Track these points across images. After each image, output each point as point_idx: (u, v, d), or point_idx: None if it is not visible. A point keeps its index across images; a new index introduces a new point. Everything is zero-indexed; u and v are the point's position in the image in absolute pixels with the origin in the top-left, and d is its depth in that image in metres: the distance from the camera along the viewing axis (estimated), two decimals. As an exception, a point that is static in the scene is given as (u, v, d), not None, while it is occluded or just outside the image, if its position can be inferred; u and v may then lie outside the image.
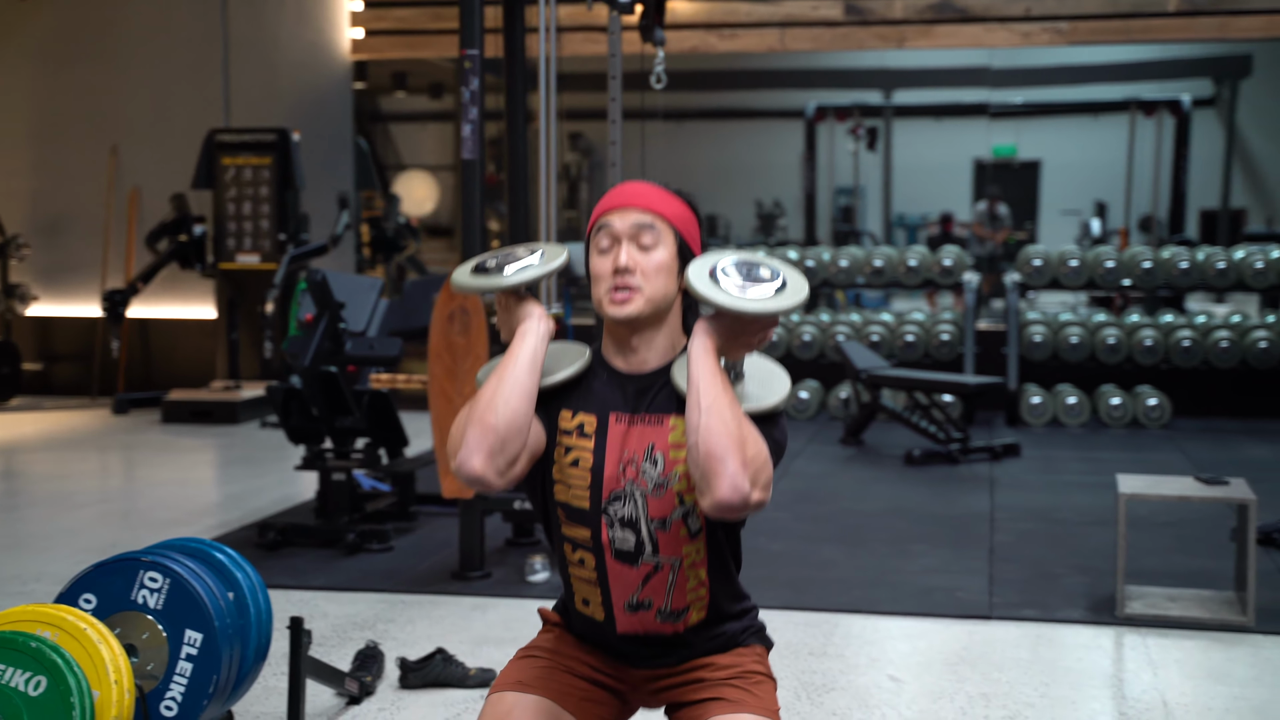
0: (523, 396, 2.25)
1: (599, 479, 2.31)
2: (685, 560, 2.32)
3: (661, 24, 5.35)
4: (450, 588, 5.20)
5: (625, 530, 2.30)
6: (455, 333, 5.12)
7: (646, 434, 2.31)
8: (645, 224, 2.31)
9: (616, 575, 2.32)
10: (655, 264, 2.30)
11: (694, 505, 2.29)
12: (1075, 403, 8.99)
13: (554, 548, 2.42)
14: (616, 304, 2.30)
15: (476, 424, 2.23)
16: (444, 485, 5.17)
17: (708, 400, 2.18)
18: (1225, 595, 4.93)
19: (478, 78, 5.22)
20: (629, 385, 2.35)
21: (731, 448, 2.14)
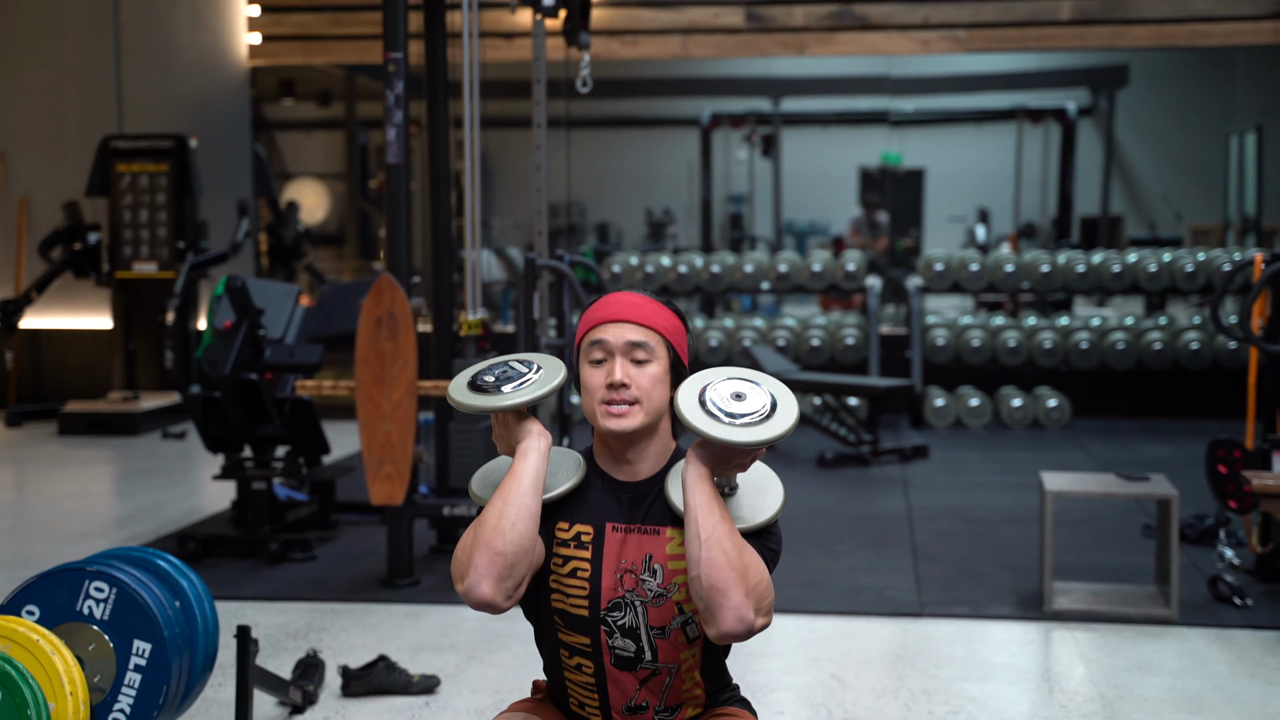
0: (528, 519, 2.25)
1: (597, 589, 2.31)
2: (683, 665, 2.34)
3: (587, 28, 5.35)
4: (380, 595, 5.15)
5: (625, 638, 2.31)
6: (383, 338, 5.07)
7: (644, 544, 2.32)
8: (639, 341, 2.32)
9: (615, 681, 2.33)
10: (650, 379, 2.31)
11: (692, 614, 2.30)
12: (978, 405, 9.14)
13: (545, 650, 2.41)
14: (614, 418, 2.31)
15: (484, 549, 2.22)
16: (372, 492, 5.12)
17: (707, 532, 2.19)
18: (1146, 589, 5.04)
19: (402, 81, 5.19)
20: (623, 494, 2.35)
21: (734, 580, 2.17)
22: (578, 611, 2.31)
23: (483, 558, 2.21)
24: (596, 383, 2.32)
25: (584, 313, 2.41)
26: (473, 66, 5.37)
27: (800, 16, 9.80)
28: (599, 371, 2.32)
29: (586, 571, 2.31)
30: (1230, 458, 5.15)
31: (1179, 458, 7.96)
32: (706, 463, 2.25)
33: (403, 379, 5.07)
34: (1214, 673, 4.27)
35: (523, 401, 2.31)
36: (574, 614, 2.31)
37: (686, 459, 2.27)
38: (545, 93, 5.49)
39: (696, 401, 2.26)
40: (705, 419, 2.22)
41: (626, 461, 2.35)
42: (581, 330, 2.38)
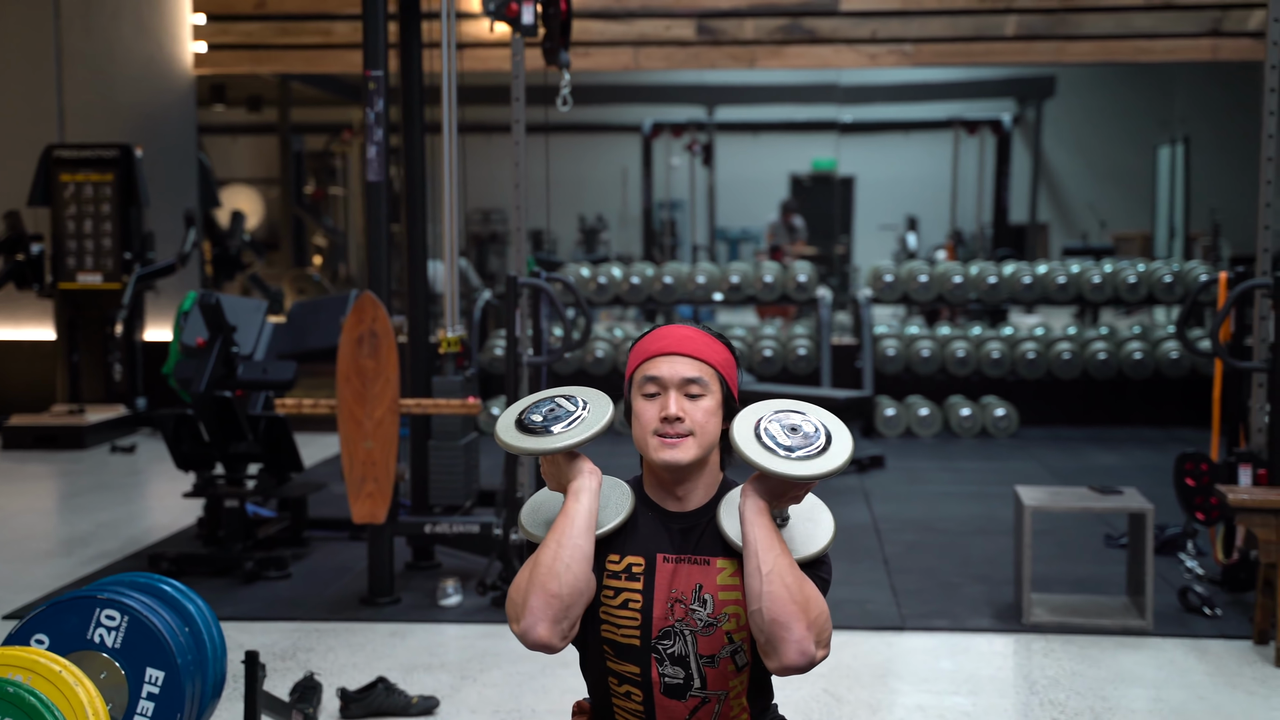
0: (582, 560, 2.29)
1: (649, 619, 2.33)
2: (731, 692, 2.36)
3: (566, 46, 5.38)
4: (362, 614, 5.14)
5: (675, 666, 2.33)
6: (364, 356, 5.07)
7: (694, 574, 2.34)
8: (693, 376, 2.35)
9: (664, 710, 2.35)
10: (704, 413, 2.34)
11: (742, 643, 2.33)
12: (927, 414, 9.25)
13: (591, 676, 2.43)
14: (667, 449, 2.33)
15: (539, 592, 2.26)
16: (354, 511, 5.11)
17: (768, 566, 2.23)
18: (1118, 601, 5.15)
19: (382, 99, 5.18)
20: (673, 525, 2.38)
21: (796, 614, 2.20)
22: (628, 641, 2.33)
23: (538, 600, 2.25)
24: (650, 416, 2.35)
25: (636, 343, 2.44)
26: (451, 77, 5.37)
27: (751, 30, 9.87)
28: (653, 405, 2.35)
29: (638, 603, 2.33)
30: (1197, 471, 5.26)
31: (1128, 466, 8.11)
32: (764, 496, 2.29)
33: (385, 397, 5.06)
34: (1195, 683, 4.38)
35: (575, 444, 2.34)
36: (624, 644, 2.33)
37: (743, 492, 2.30)
38: (524, 108, 5.50)
39: (753, 435, 2.30)
40: (764, 454, 2.27)
41: (676, 494, 2.38)
42: (634, 362, 2.41)
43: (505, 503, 5.26)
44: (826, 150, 20.58)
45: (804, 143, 19.97)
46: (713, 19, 9.87)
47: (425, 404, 5.21)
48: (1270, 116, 5.23)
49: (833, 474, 2.26)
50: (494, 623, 5.01)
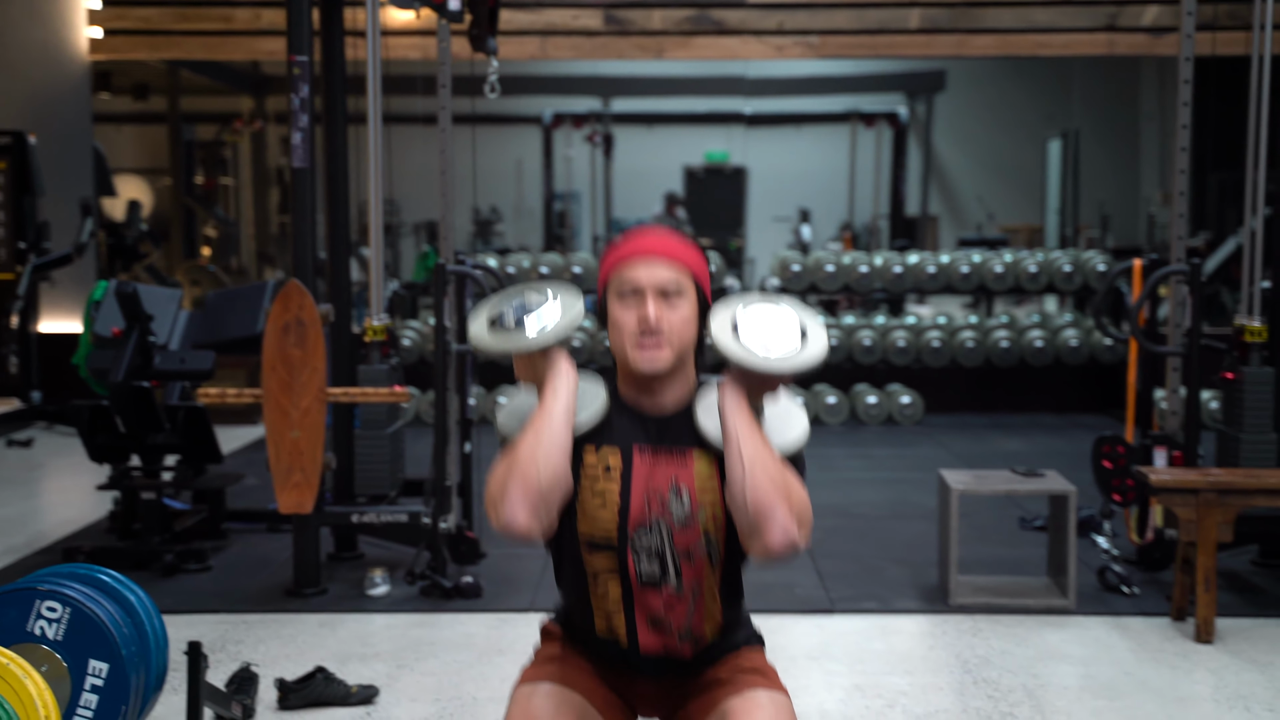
0: (561, 452, 2.31)
1: (625, 514, 2.35)
2: (705, 587, 2.39)
3: (494, 33, 5.35)
4: (290, 605, 5.08)
5: (651, 560, 2.36)
6: (290, 345, 5.01)
7: (671, 469, 2.37)
8: (670, 280, 2.35)
9: (641, 601, 2.38)
10: (681, 318, 2.35)
11: (717, 539, 2.37)
12: (835, 402, 9.35)
13: (567, 575, 2.44)
14: (646, 357, 2.35)
15: (518, 481, 2.28)
16: (280, 501, 5.04)
17: (749, 453, 2.27)
18: (1040, 581, 5.25)
19: (307, 84, 5.12)
20: (650, 423, 2.41)
21: (778, 499, 2.24)
22: (604, 536, 2.36)
23: (517, 489, 2.27)
24: (627, 321, 2.35)
25: (609, 247, 2.43)
26: (375, 65, 5.32)
27: (658, 20, 9.90)
28: (630, 311, 2.36)
29: (615, 498, 2.35)
30: (1114, 453, 5.38)
31: (1032, 450, 8.27)
32: (742, 390, 2.33)
33: (311, 386, 5.01)
34: (1120, 659, 4.48)
35: (548, 342, 2.35)
36: (600, 540, 2.36)
37: (721, 387, 2.34)
38: (450, 96, 5.47)
39: (730, 330, 2.33)
40: (741, 349, 2.31)
41: (653, 395, 2.40)
42: (609, 266, 2.40)
43: (433, 491, 5.23)
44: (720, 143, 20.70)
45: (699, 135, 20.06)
46: (620, 9, 9.88)
47: (353, 393, 5.17)
48: (1184, 108, 5.36)
49: (809, 366, 2.30)
50: (425, 612, 4.99)
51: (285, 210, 15.57)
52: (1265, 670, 4.35)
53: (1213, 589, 4.62)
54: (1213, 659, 4.47)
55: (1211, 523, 4.62)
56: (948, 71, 16.47)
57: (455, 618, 4.93)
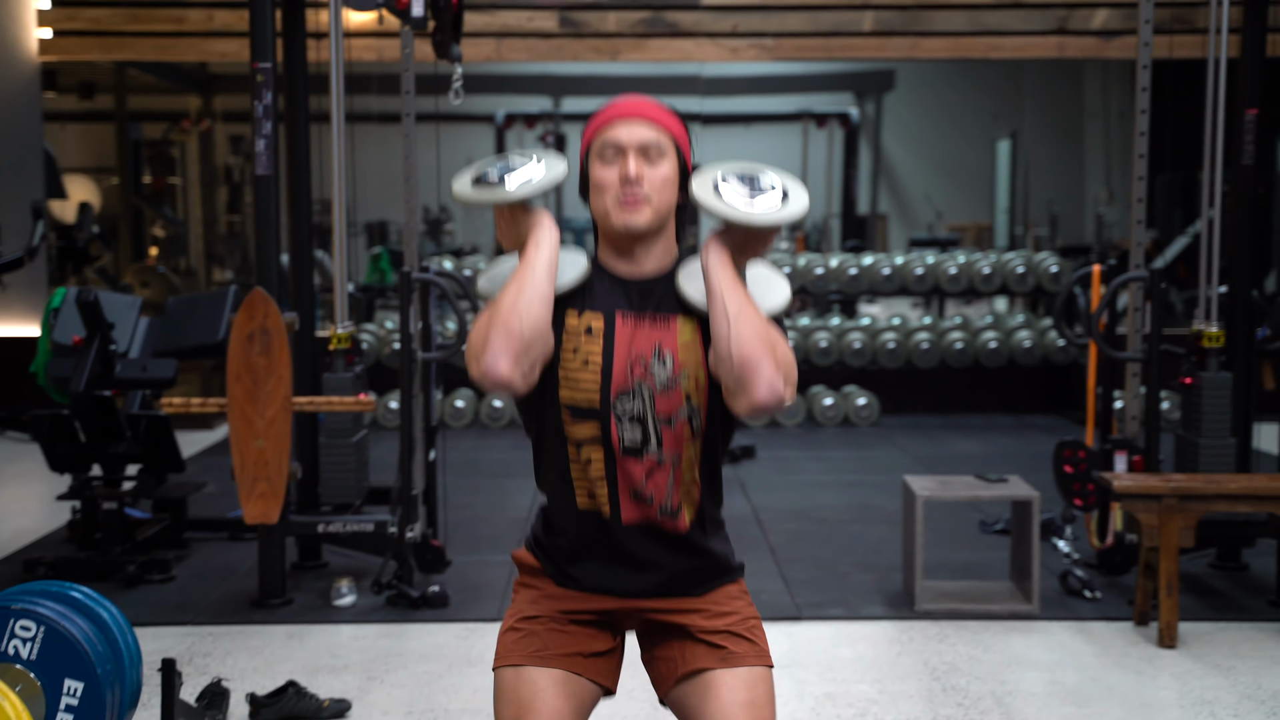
0: (543, 303, 2.31)
1: (608, 377, 2.37)
2: (684, 458, 2.40)
3: (458, 39, 5.34)
4: (256, 616, 5.06)
5: (633, 426, 2.37)
6: (255, 353, 4.97)
7: (654, 334, 2.39)
8: (651, 139, 2.38)
9: (624, 469, 2.37)
10: (661, 177, 2.38)
11: (698, 407, 2.39)
12: (831, 404, 9.39)
13: (547, 454, 2.44)
14: (627, 213, 2.37)
15: (500, 330, 2.27)
16: (246, 511, 5.01)
17: (735, 308, 2.29)
18: (1003, 585, 5.29)
19: (271, 91, 5.09)
20: (631, 288, 2.42)
21: (765, 353, 2.26)
22: (587, 402, 2.36)
23: (499, 338, 2.27)
24: (609, 180, 2.37)
25: (592, 116, 2.46)
26: (338, 67, 5.29)
27: (613, 22, 9.89)
28: (611, 169, 2.38)
29: (598, 361, 2.37)
30: (1076, 458, 5.44)
31: (988, 452, 8.35)
32: (728, 247, 2.35)
33: (277, 395, 4.98)
34: (1085, 665, 4.53)
35: (530, 193, 2.37)
36: (583, 405, 2.37)
37: (705, 246, 2.36)
38: (414, 101, 5.45)
39: (712, 189, 2.36)
40: (724, 205, 2.34)
41: (634, 259, 2.42)
42: (591, 130, 2.43)
43: (400, 500, 5.22)
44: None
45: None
46: (575, 11, 9.87)
47: (319, 401, 5.15)
48: (1142, 115, 5.42)
49: (793, 219, 2.33)
50: (392, 622, 4.97)
51: (233, 210, 15.47)
52: (1228, 675, 4.42)
53: (1175, 594, 4.68)
54: (1176, 664, 4.53)
55: (1173, 528, 4.68)
56: (897, 72, 16.54)
57: (423, 628, 4.92)
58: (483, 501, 6.72)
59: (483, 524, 6.39)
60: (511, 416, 9.24)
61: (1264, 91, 5.50)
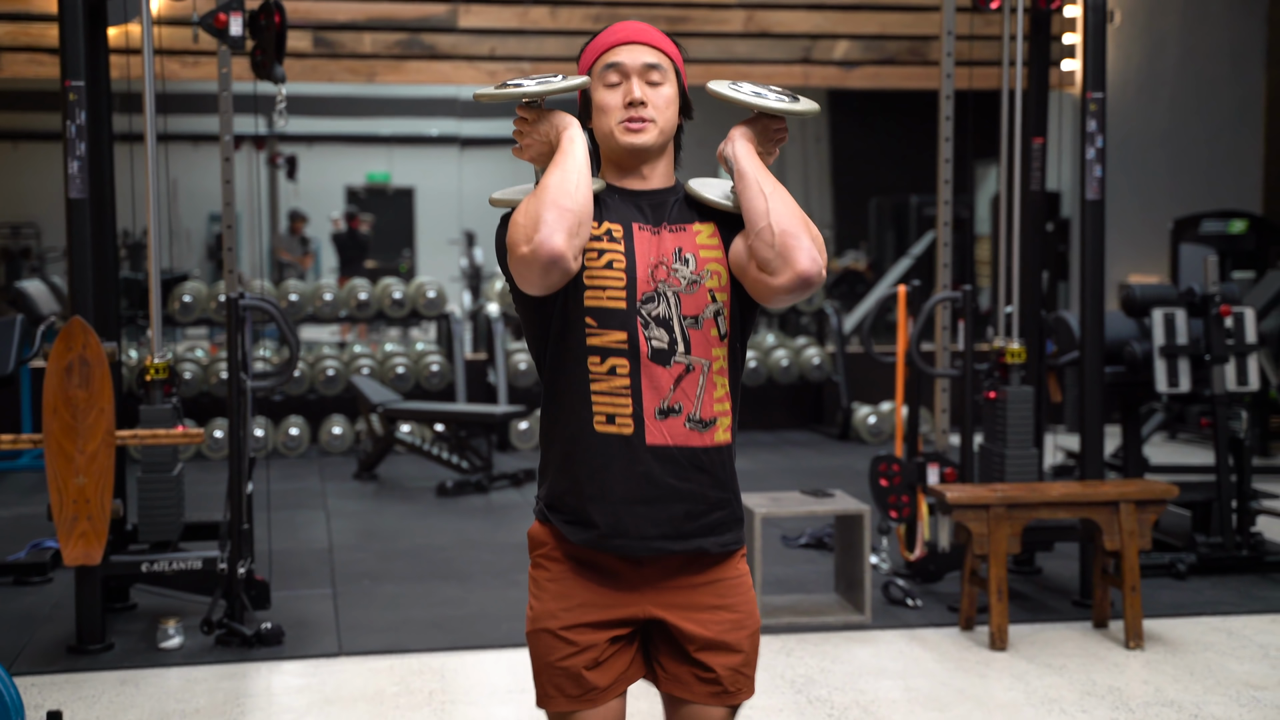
0: (588, 184, 2.32)
1: (633, 279, 2.37)
2: (714, 364, 2.40)
3: (280, 59, 5.19)
4: (79, 664, 4.78)
5: (659, 329, 2.36)
6: (74, 385, 4.71)
7: (672, 239, 2.42)
8: (653, 62, 2.43)
9: (650, 378, 2.35)
10: (665, 98, 2.43)
11: (724, 304, 2.40)
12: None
13: (565, 372, 2.39)
14: (633, 132, 2.41)
15: (552, 207, 2.26)
16: (66, 553, 4.73)
17: (769, 185, 2.37)
18: (830, 598, 5.46)
19: (84, 110, 4.85)
20: (642, 201, 2.45)
21: (802, 225, 2.33)
22: (614, 305, 2.36)
23: (553, 213, 2.25)
24: (614, 102, 2.42)
25: (589, 43, 2.50)
26: (150, 84, 5.06)
27: (369, 44, 9.76)
28: (615, 92, 2.43)
29: (622, 262, 2.37)
30: (890, 471, 5.65)
31: (759, 469, 8.56)
32: (752, 139, 2.44)
33: (99, 428, 4.73)
34: (931, 671, 4.71)
35: (552, 90, 2.39)
36: (610, 308, 2.36)
37: (728, 140, 2.45)
38: (232, 123, 5.27)
39: (732, 89, 2.47)
40: (746, 95, 2.44)
41: (640, 175, 2.46)
42: (592, 55, 2.47)
43: (229, 534, 5.02)
44: (384, 164, 20.51)
45: (365, 155, 19.84)
46: (330, 31, 9.70)
47: (143, 435, 4.90)
48: (945, 143, 5.68)
49: (810, 113, 2.44)
50: (229, 663, 4.78)
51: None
52: (1062, 673, 4.66)
53: (1004, 598, 4.92)
54: (1012, 665, 4.75)
55: (1002, 535, 4.91)
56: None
57: (266, 666, 4.75)
58: (277, 535, 6.52)
59: (286, 557, 6.19)
60: (274, 445, 8.98)
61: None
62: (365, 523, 7.14)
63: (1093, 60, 5.30)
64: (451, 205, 19.36)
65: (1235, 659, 4.81)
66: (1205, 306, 5.99)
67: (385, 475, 8.46)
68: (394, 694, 4.47)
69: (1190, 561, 5.83)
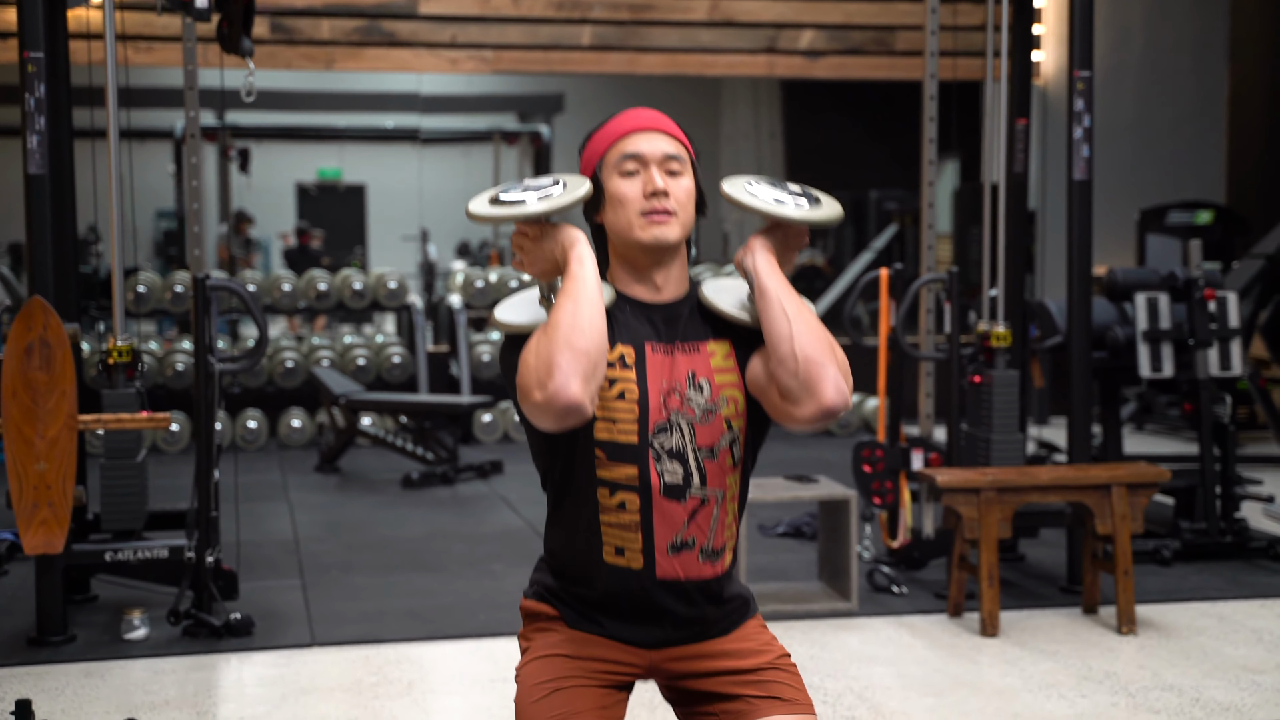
0: (602, 316, 2.15)
1: (645, 410, 2.24)
2: (727, 493, 2.29)
3: (248, 31, 5.02)
4: (40, 656, 4.60)
5: (673, 462, 2.24)
6: (35, 368, 4.52)
7: (686, 361, 2.28)
8: (673, 153, 2.29)
9: (662, 513, 2.24)
10: (685, 191, 2.30)
11: (739, 432, 2.28)
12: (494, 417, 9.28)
13: (573, 502, 2.28)
14: (656, 224, 2.26)
15: (565, 349, 2.09)
16: (26, 541, 4.53)
17: (793, 308, 2.21)
18: (815, 585, 5.34)
19: (43, 84, 4.67)
20: (655, 315, 2.30)
21: (828, 352, 2.19)
22: (625, 439, 2.23)
23: (567, 357, 2.08)
24: (633, 193, 2.27)
25: (597, 131, 2.34)
26: (113, 70, 4.89)
27: (327, 30, 9.57)
28: (634, 182, 2.28)
29: (634, 393, 2.23)
30: (874, 458, 5.54)
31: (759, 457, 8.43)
32: (772, 250, 2.28)
33: (60, 412, 4.53)
34: (924, 658, 4.60)
35: (555, 207, 2.22)
36: (621, 442, 2.23)
37: (747, 250, 2.29)
38: (198, 100, 5.10)
39: (748, 194, 2.30)
40: (769, 204, 2.28)
41: (653, 284, 2.31)
42: (604, 143, 2.32)
43: (196, 523, 4.85)
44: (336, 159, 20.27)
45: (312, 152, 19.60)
46: (287, 17, 9.50)
47: (107, 419, 4.72)
48: (930, 143, 5.58)
49: (835, 221, 2.28)
50: (197, 654, 4.61)
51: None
52: (1056, 659, 4.56)
53: (996, 584, 4.81)
54: (1005, 651, 4.65)
55: (993, 520, 4.81)
56: (566, 95, 16.61)
57: (237, 658, 4.59)
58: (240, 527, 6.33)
59: (251, 549, 6.01)
60: (232, 438, 8.78)
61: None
62: (330, 514, 6.97)
63: (1080, 38, 5.22)
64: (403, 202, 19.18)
65: (1229, 643, 4.73)
66: (1189, 291, 5.92)
67: (348, 468, 8.28)
68: (372, 684, 4.31)
69: (1175, 548, 5.76)
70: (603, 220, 2.30)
